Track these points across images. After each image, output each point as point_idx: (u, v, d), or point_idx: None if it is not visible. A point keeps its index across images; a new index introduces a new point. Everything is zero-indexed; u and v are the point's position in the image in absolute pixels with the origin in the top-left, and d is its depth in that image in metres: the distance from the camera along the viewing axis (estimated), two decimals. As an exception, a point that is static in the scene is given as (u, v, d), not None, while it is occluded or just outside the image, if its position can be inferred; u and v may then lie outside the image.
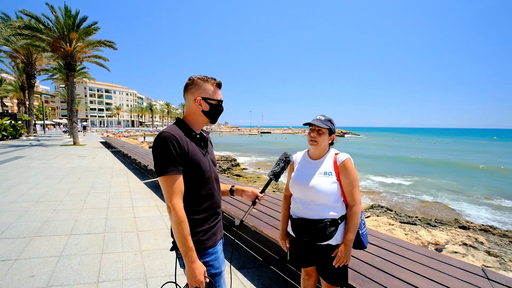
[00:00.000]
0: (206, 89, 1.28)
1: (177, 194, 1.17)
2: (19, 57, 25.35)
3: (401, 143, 51.99)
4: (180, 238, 1.15)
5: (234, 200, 3.83)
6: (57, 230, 3.72)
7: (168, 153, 1.16)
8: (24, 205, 4.77)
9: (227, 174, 15.12)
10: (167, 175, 1.15)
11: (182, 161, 1.18)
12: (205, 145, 1.33)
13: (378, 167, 20.56)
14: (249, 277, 2.68)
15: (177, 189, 1.17)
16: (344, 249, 1.57)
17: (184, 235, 1.15)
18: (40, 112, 49.74)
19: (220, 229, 1.38)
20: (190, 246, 1.15)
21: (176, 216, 1.14)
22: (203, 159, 1.27)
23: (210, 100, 1.28)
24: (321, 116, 1.68)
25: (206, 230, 1.26)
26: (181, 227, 1.14)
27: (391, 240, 2.59)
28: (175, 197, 1.16)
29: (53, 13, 17.65)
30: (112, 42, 19.56)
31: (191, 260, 1.15)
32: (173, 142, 1.16)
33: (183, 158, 1.19)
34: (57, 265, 2.79)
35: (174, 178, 1.16)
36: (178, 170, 1.17)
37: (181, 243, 1.15)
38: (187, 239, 1.15)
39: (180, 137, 1.20)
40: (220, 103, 1.33)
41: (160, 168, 1.16)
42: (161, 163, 1.16)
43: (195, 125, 1.32)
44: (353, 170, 1.61)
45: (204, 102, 1.28)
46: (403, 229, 7.52)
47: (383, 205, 10.14)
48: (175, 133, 1.19)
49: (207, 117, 1.31)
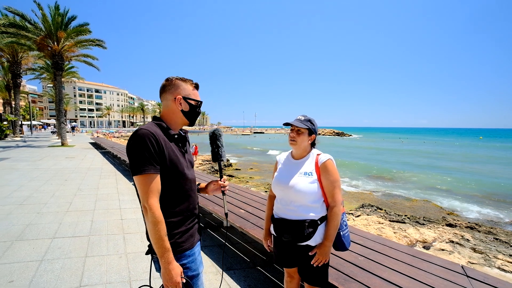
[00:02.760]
0: (186, 89, 1.27)
1: (154, 194, 1.13)
2: (4, 55, 24.61)
3: (391, 143, 53.01)
4: (157, 239, 1.12)
5: (221, 201, 3.81)
6: (40, 233, 3.61)
7: (145, 151, 1.11)
8: (6, 208, 4.62)
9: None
10: (144, 174, 1.11)
11: (159, 160, 1.15)
12: (184, 145, 1.31)
13: (369, 166, 20.88)
14: (235, 278, 2.67)
15: (154, 189, 1.13)
16: (324, 249, 1.57)
17: (161, 236, 1.11)
18: (27, 112, 48.38)
19: (198, 231, 1.36)
20: (166, 247, 1.13)
21: (153, 216, 1.11)
22: (181, 159, 1.24)
23: (190, 100, 1.27)
24: (301, 116, 1.69)
25: (183, 232, 1.24)
26: (158, 228, 1.11)
27: (376, 239, 2.62)
28: (152, 197, 1.12)
29: (40, 10, 17.20)
30: (101, 40, 19.21)
31: (168, 261, 1.12)
32: (151, 139, 1.12)
33: (160, 157, 1.15)
34: (38, 269, 2.71)
35: (152, 177, 1.12)
36: (155, 169, 1.14)
37: (157, 244, 1.11)
38: (163, 240, 1.12)
39: (158, 135, 1.16)
40: (199, 104, 1.31)
41: (136, 166, 1.12)
42: (137, 161, 1.12)
43: (173, 125, 1.28)
44: (334, 171, 1.61)
45: (184, 102, 1.26)
46: (392, 228, 7.65)
47: (373, 204, 10.29)
48: (153, 130, 1.16)
49: (186, 118, 1.29)
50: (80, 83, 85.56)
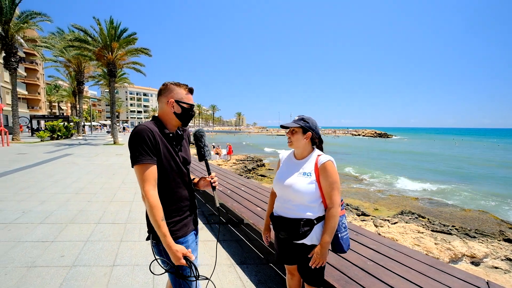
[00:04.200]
0: (179, 93, 1.41)
1: (150, 181, 1.25)
2: (71, 66, 28.64)
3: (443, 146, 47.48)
4: (153, 223, 1.24)
5: (241, 198, 3.96)
6: (88, 219, 4.22)
7: (143, 144, 1.25)
8: (65, 196, 5.46)
9: (252, 174, 15.31)
10: (140, 163, 1.24)
11: (156, 152, 1.29)
12: (178, 144, 1.45)
13: (416, 169, 19.10)
14: (247, 272, 2.79)
15: (150, 177, 1.25)
16: (320, 251, 1.58)
17: (156, 221, 1.22)
18: (89, 114, 55.47)
19: (193, 221, 1.51)
20: (163, 232, 1.23)
21: (149, 202, 1.22)
22: (173, 155, 1.38)
23: (182, 103, 1.40)
24: (296, 117, 1.73)
25: (176, 221, 1.39)
26: (153, 212, 1.22)
27: (392, 245, 2.49)
28: (147, 184, 1.24)
29: (98, 25, 19.64)
30: (148, 49, 21.12)
31: (168, 246, 1.24)
32: (148, 134, 1.28)
33: (156, 150, 1.30)
34: (83, 248, 3.20)
35: (147, 166, 1.25)
36: (152, 160, 1.27)
37: (156, 228, 1.24)
38: (160, 225, 1.22)
39: (155, 131, 1.31)
40: (191, 107, 1.44)
41: (135, 157, 1.26)
42: (135, 153, 1.25)
43: (168, 125, 1.43)
44: (333, 173, 1.61)
45: (177, 105, 1.40)
46: (433, 238, 6.98)
47: (414, 212, 9.45)
48: (151, 127, 1.32)
49: (179, 119, 1.42)
50: (130, 88, 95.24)
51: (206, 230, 3.92)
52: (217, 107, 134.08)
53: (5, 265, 2.76)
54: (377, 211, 9.93)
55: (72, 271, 2.69)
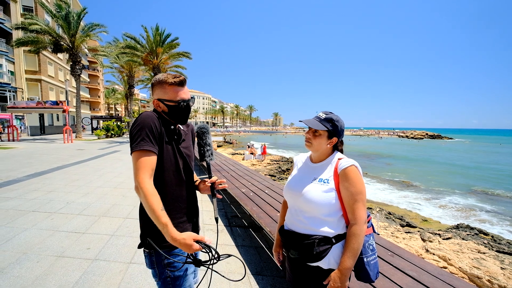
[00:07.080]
0: (163, 90, 1.23)
1: (147, 169, 1.07)
2: (124, 71, 31.74)
3: None
4: (151, 213, 1.04)
5: (263, 202, 3.72)
6: (118, 213, 4.43)
7: (147, 130, 1.12)
8: (104, 190, 5.90)
9: (286, 175, 15.05)
10: (141, 149, 1.09)
11: (159, 142, 1.16)
12: (178, 139, 1.31)
13: (477, 177, 16.49)
14: (261, 285, 2.54)
15: (148, 166, 1.08)
16: (339, 278, 1.24)
17: (154, 210, 1.03)
18: (139, 115, 61.08)
19: (193, 228, 1.35)
20: (163, 221, 1.03)
21: (143, 190, 1.04)
22: (175, 150, 1.26)
23: (166, 101, 1.23)
24: (322, 114, 1.38)
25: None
26: (151, 201, 1.03)
27: (439, 274, 1.97)
28: (143, 172, 1.06)
29: (145, 32, 21.36)
30: (188, 52, 22.28)
31: (172, 238, 1.02)
32: (154, 121, 1.16)
33: (160, 140, 1.17)
34: (107, 242, 3.32)
35: (147, 153, 1.09)
36: (154, 148, 1.12)
37: (154, 220, 1.04)
38: (159, 215, 1.02)
39: (159, 121, 1.20)
40: (179, 103, 1.24)
41: (135, 142, 1.10)
42: (137, 138, 1.10)
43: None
44: (356, 181, 1.27)
45: (162, 104, 1.24)
46: (500, 261, 5.82)
47: (474, 226, 8.06)
48: (157, 115, 1.21)
49: (169, 118, 1.27)
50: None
51: (226, 233, 3.78)
52: (254, 107, 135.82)
53: (39, 253, 2.99)
54: (426, 223, 8.74)
55: (93, 265, 2.78)
